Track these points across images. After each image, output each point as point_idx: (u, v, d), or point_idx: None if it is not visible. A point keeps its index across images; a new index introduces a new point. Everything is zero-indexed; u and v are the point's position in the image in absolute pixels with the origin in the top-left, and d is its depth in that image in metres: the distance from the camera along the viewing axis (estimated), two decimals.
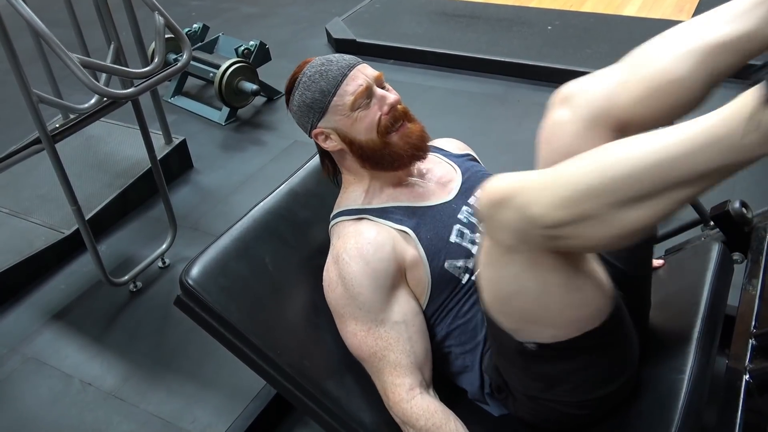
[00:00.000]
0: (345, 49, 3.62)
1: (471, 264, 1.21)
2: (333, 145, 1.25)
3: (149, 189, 2.60)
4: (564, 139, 1.06)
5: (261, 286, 1.26)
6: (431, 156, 1.29)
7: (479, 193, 0.91)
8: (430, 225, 1.22)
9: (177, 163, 2.80)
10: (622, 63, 1.06)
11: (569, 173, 0.83)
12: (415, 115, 1.27)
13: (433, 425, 1.12)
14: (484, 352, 1.21)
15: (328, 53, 1.28)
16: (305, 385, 1.19)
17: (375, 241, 1.18)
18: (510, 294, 0.98)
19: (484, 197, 0.88)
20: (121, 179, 2.59)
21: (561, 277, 0.93)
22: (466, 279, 1.21)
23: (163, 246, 2.30)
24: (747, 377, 1.04)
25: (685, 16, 3.51)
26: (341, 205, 1.29)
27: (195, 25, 3.55)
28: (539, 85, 3.16)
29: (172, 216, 2.30)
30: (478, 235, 1.23)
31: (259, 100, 3.33)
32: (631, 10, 3.68)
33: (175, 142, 2.77)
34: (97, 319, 2.14)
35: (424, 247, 1.19)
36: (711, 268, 1.33)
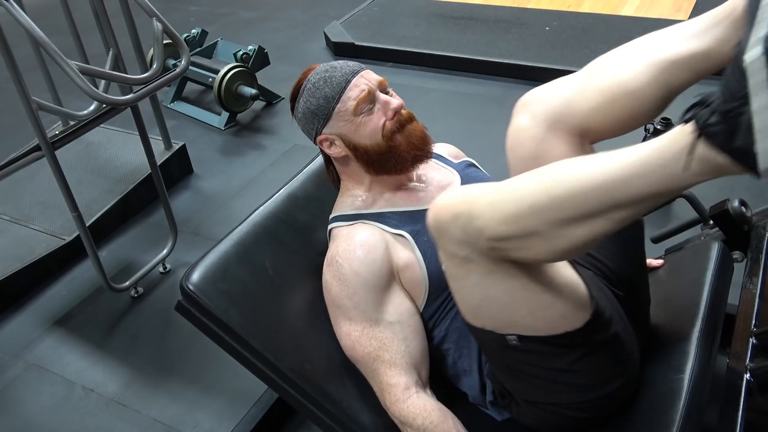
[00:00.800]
0: (344, 52, 3.63)
1: None
2: (337, 151, 1.25)
3: (149, 194, 2.60)
4: (526, 145, 1.11)
5: (261, 291, 1.26)
6: (430, 161, 1.29)
7: (429, 209, 0.94)
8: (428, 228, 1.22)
9: (177, 169, 2.81)
10: (583, 71, 1.11)
11: (515, 190, 0.87)
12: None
13: (431, 423, 1.12)
14: (484, 358, 1.21)
15: (327, 57, 1.29)
16: (306, 389, 1.19)
17: (366, 243, 1.19)
18: (478, 302, 1.01)
19: (432, 212, 0.92)
20: (121, 185, 2.59)
21: (521, 281, 0.95)
22: None
23: (164, 251, 2.30)
24: (748, 376, 1.04)
25: (683, 15, 3.51)
26: (338, 209, 1.30)
27: (194, 30, 3.56)
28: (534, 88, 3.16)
29: (173, 221, 2.30)
30: None
31: (258, 105, 3.34)
32: (628, 10, 3.69)
33: (175, 147, 2.77)
34: (99, 325, 2.14)
35: (422, 250, 1.20)
36: (711, 267, 1.33)
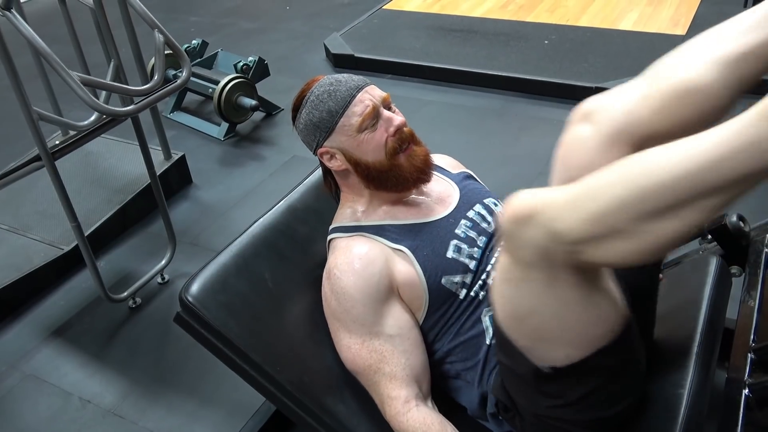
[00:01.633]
0: (343, 63, 3.65)
1: (468, 279, 1.21)
2: (338, 164, 1.26)
3: (148, 205, 2.60)
4: (584, 156, 1.02)
5: (260, 303, 1.26)
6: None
7: (502, 209, 0.88)
8: (427, 241, 1.22)
9: (176, 179, 2.81)
10: (643, 77, 1.02)
11: (595, 187, 0.81)
12: (414, 129, 1.28)
13: None
14: (485, 370, 1.21)
15: (327, 68, 1.29)
16: (305, 402, 1.19)
17: (366, 256, 1.19)
18: (527, 311, 0.95)
19: (507, 213, 0.86)
20: (120, 195, 2.60)
21: (579, 294, 0.91)
22: (463, 294, 1.21)
23: (163, 262, 2.30)
24: (746, 391, 1.04)
25: (681, 30, 3.53)
26: (337, 221, 1.30)
27: (194, 41, 3.57)
28: (537, 99, 3.18)
29: (172, 232, 2.30)
30: (476, 250, 1.23)
31: (258, 116, 3.34)
32: (626, 25, 3.71)
33: (175, 157, 2.77)
34: (97, 335, 2.14)
35: (421, 264, 1.20)
36: (709, 281, 1.33)
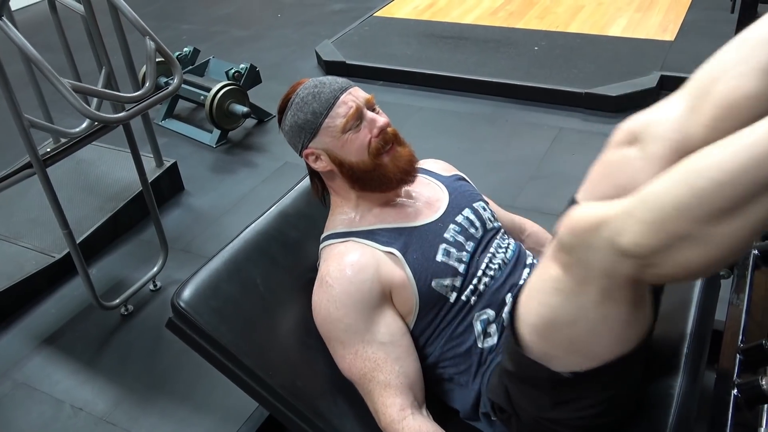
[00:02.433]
0: (335, 70, 3.66)
1: (458, 283, 1.22)
2: (323, 165, 1.26)
3: (140, 212, 2.60)
4: (632, 177, 0.97)
5: (252, 308, 1.26)
6: (419, 177, 1.31)
7: (562, 222, 0.87)
8: (417, 245, 1.23)
9: (168, 186, 2.81)
10: (686, 90, 0.97)
11: (653, 195, 0.78)
12: (404, 137, 1.29)
13: None
14: (478, 372, 1.21)
15: (319, 75, 1.30)
16: (297, 406, 1.19)
17: (357, 264, 1.19)
18: (564, 322, 0.93)
19: (569, 227, 0.85)
20: (112, 202, 2.59)
21: (626, 310, 0.89)
22: (454, 298, 1.22)
23: (155, 269, 2.29)
24: (735, 392, 1.05)
25: (669, 36, 3.56)
26: (329, 228, 1.31)
27: (186, 49, 3.57)
28: (527, 105, 3.20)
29: (164, 238, 2.30)
30: (464, 254, 1.24)
31: (249, 122, 3.35)
32: (616, 31, 3.74)
33: (166, 164, 2.77)
34: (89, 343, 2.13)
35: (411, 268, 1.20)
36: (698, 283, 1.34)
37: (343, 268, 1.19)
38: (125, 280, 2.36)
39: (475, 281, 1.23)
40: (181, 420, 1.83)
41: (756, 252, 1.36)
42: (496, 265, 1.25)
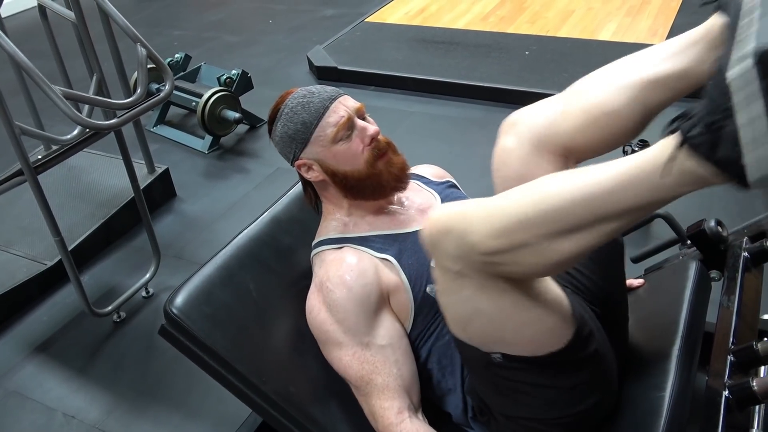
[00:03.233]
0: (326, 76, 3.66)
1: None
2: (315, 175, 1.27)
3: (132, 218, 2.59)
4: (512, 166, 1.14)
5: (245, 314, 1.26)
6: (411, 183, 1.31)
7: (424, 223, 0.95)
8: (411, 251, 1.23)
9: (160, 192, 2.80)
10: (565, 93, 1.13)
11: (506, 205, 0.88)
12: (396, 142, 1.29)
13: None
14: (465, 374, 1.22)
15: (310, 81, 1.31)
16: (291, 412, 1.19)
17: (357, 268, 1.19)
18: (467, 317, 1.01)
19: (427, 227, 0.93)
20: (104, 209, 2.58)
21: (512, 297, 0.95)
22: None
23: (147, 275, 2.29)
24: (726, 393, 1.06)
25: (659, 40, 3.59)
26: (322, 233, 1.31)
27: (177, 55, 3.57)
28: (518, 109, 3.20)
29: (156, 245, 2.29)
30: None
31: (241, 128, 3.35)
32: (606, 35, 3.76)
33: (158, 171, 2.77)
34: (81, 350, 2.12)
35: (407, 273, 1.21)
36: (689, 286, 1.35)
37: (343, 273, 1.19)
38: (117, 287, 2.35)
39: None
40: (175, 427, 1.82)
41: (746, 254, 1.37)
42: None
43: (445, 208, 0.94)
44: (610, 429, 1.13)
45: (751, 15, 0.69)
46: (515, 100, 3.23)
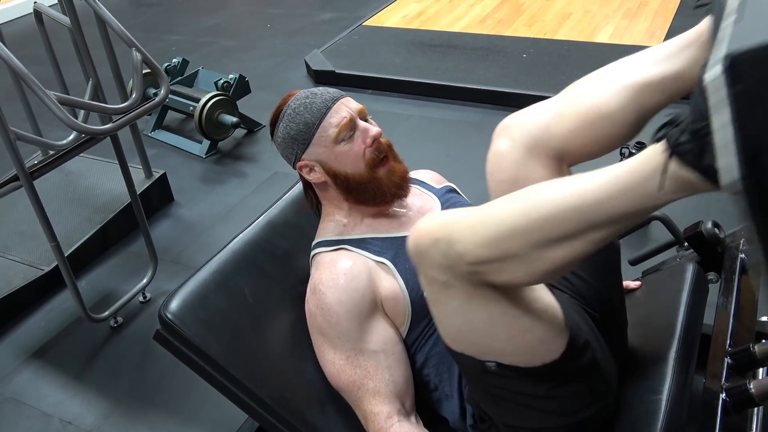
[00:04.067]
0: (324, 80, 3.66)
1: None
2: (317, 177, 1.26)
3: (129, 223, 2.58)
4: (506, 169, 1.13)
5: (240, 318, 1.26)
6: (411, 187, 1.30)
7: (409, 234, 0.94)
8: (408, 255, 1.22)
9: (157, 197, 2.80)
10: (559, 96, 1.12)
11: (494, 213, 0.87)
12: (394, 145, 1.29)
13: None
14: (462, 381, 1.21)
15: (308, 85, 1.31)
16: (287, 417, 1.19)
17: (350, 272, 1.19)
18: (458, 327, 1.00)
19: (412, 238, 0.92)
20: (100, 214, 2.58)
21: (501, 306, 0.94)
22: None
23: (144, 280, 2.28)
24: (723, 396, 1.05)
25: (656, 41, 3.59)
26: (320, 235, 1.30)
27: (175, 60, 3.57)
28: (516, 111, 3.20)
29: (153, 250, 2.29)
30: None
31: (239, 133, 3.35)
32: (603, 37, 3.76)
33: (156, 175, 2.76)
34: (77, 356, 2.12)
35: (403, 277, 1.20)
36: (686, 288, 1.35)
37: (336, 276, 1.18)
38: (114, 292, 2.34)
39: None
40: None
41: (743, 257, 1.37)
42: None
43: (430, 218, 0.93)
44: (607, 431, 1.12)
45: (729, 19, 0.69)
46: (513, 103, 3.22)
